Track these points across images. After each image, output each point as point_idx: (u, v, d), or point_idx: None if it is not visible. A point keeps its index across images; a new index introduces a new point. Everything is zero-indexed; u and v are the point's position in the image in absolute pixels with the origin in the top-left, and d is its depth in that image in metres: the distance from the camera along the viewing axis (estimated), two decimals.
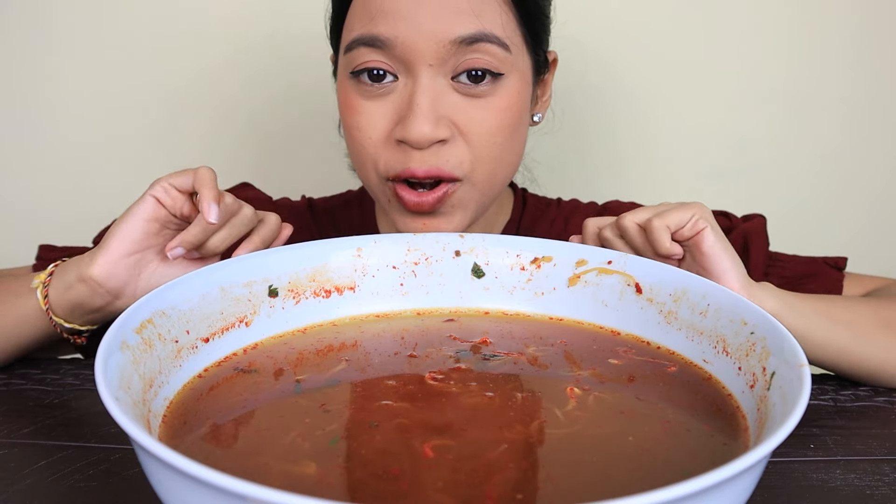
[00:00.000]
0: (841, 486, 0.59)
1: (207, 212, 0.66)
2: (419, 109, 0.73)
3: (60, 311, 0.72)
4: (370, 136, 0.77)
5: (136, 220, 0.69)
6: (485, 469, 0.48)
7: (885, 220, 1.25)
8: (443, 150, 0.75)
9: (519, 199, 0.96)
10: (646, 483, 0.47)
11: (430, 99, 0.74)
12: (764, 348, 0.55)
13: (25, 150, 1.24)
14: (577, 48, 1.17)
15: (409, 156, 0.75)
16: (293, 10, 1.17)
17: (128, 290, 0.70)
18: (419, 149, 0.74)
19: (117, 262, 0.69)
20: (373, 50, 0.75)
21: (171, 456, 0.38)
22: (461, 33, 0.73)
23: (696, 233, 0.68)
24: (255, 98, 1.23)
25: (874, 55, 1.19)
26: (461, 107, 0.75)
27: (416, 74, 0.74)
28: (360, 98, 0.77)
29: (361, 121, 0.77)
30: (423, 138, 0.73)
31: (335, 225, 0.96)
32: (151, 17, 1.20)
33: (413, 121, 0.73)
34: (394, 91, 0.76)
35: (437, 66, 0.74)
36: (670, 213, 0.69)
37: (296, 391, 0.57)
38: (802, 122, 1.22)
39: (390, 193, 0.78)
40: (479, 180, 0.78)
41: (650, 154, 1.25)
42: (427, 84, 0.74)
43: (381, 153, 0.77)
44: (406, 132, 0.74)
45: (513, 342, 0.65)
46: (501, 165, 0.79)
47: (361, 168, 0.80)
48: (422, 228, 0.77)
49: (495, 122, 0.77)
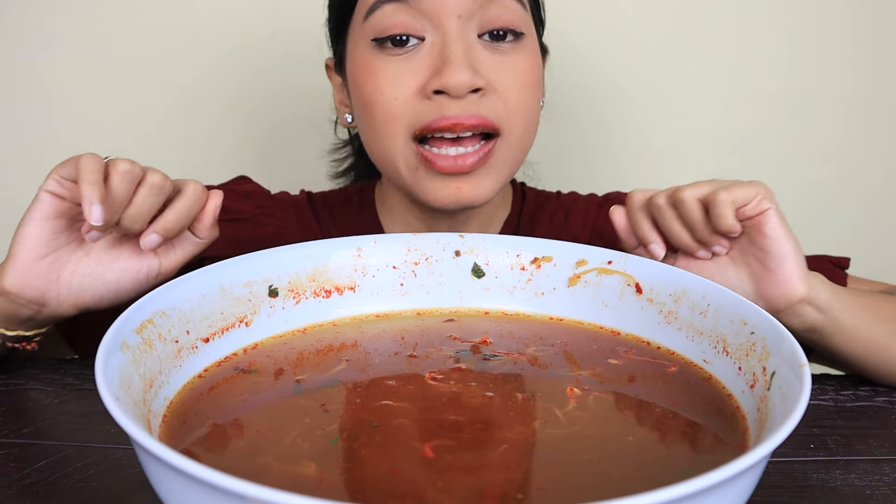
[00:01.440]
0: (841, 486, 0.59)
1: (88, 213, 0.58)
2: (455, 57, 0.73)
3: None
4: (396, 95, 0.75)
5: (35, 221, 0.63)
6: (485, 469, 0.48)
7: (884, 219, 1.25)
8: (481, 100, 0.75)
9: (518, 194, 0.96)
10: (646, 483, 0.47)
11: (463, 48, 0.74)
12: (764, 348, 0.55)
13: (25, 152, 1.24)
14: (578, 47, 1.17)
15: (445, 106, 0.74)
16: (292, 9, 1.17)
17: (50, 296, 0.65)
18: (458, 97, 0.74)
19: (28, 270, 0.64)
20: (399, 7, 0.74)
21: (171, 456, 0.38)
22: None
23: (760, 212, 0.66)
24: (255, 97, 1.23)
25: (874, 55, 1.19)
26: (491, 62, 0.76)
27: (446, 27, 0.74)
28: (382, 62, 0.76)
29: (385, 83, 0.76)
30: (463, 83, 0.73)
31: (335, 219, 0.95)
32: (151, 17, 1.20)
33: (451, 67, 0.73)
34: (420, 51, 0.76)
35: (465, 19, 0.75)
36: (735, 188, 0.66)
37: (296, 391, 0.57)
38: (802, 122, 1.22)
39: (416, 160, 0.76)
40: (514, 138, 0.78)
41: (650, 154, 1.25)
42: (458, 34, 0.75)
43: (411, 111, 0.75)
44: (444, 80, 0.73)
45: (513, 342, 0.65)
46: (530, 127, 0.80)
47: (383, 136, 0.77)
48: (456, 193, 0.76)
49: (523, 79, 0.77)
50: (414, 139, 0.76)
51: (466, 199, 0.77)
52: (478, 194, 0.77)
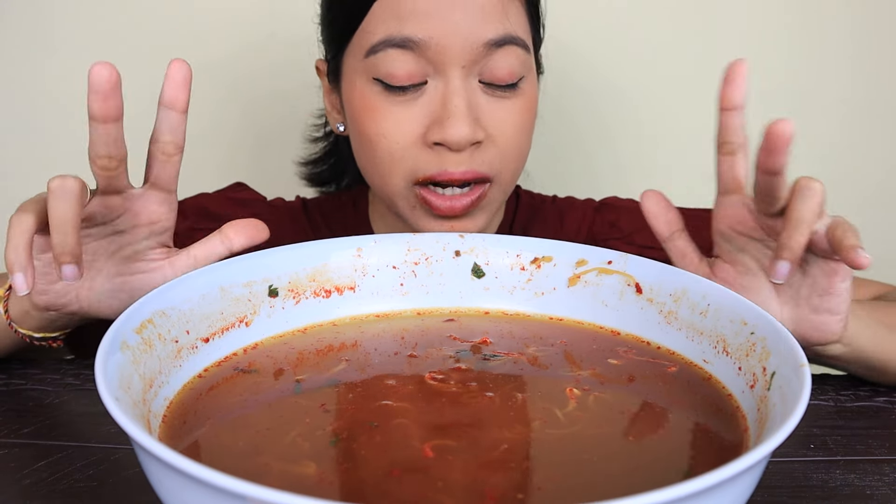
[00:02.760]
0: (841, 486, 0.59)
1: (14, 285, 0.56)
2: (458, 111, 0.73)
3: (26, 326, 0.69)
4: (398, 140, 0.76)
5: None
6: (485, 469, 0.48)
7: (884, 219, 1.24)
8: (477, 152, 0.75)
9: (513, 199, 0.96)
10: (646, 483, 0.47)
11: (465, 101, 0.74)
12: (764, 348, 0.55)
13: (22, 151, 1.24)
14: (576, 49, 1.17)
15: (445, 158, 0.75)
16: (288, 12, 1.17)
17: (74, 308, 0.66)
18: (458, 151, 0.74)
19: (47, 291, 0.64)
20: (403, 52, 0.74)
21: (171, 456, 0.38)
22: (492, 36, 0.74)
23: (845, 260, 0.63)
24: (250, 100, 1.23)
25: (873, 56, 1.19)
26: (489, 109, 0.76)
27: (449, 76, 0.74)
28: (384, 103, 0.76)
29: (388, 126, 0.76)
30: (464, 139, 0.73)
31: (329, 225, 0.95)
32: (148, 17, 1.19)
33: (453, 123, 0.73)
34: (423, 94, 0.75)
35: (469, 68, 0.74)
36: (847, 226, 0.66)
37: (296, 391, 0.57)
38: (801, 123, 1.21)
39: (416, 200, 0.77)
40: (504, 180, 0.79)
41: (648, 155, 1.25)
42: (461, 85, 0.74)
43: (411, 157, 0.76)
44: (445, 134, 0.73)
45: (513, 342, 0.65)
46: (521, 164, 0.81)
47: (386, 175, 0.78)
48: (449, 230, 0.77)
49: (520, 122, 0.78)
50: (414, 184, 0.77)
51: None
52: (470, 229, 0.78)
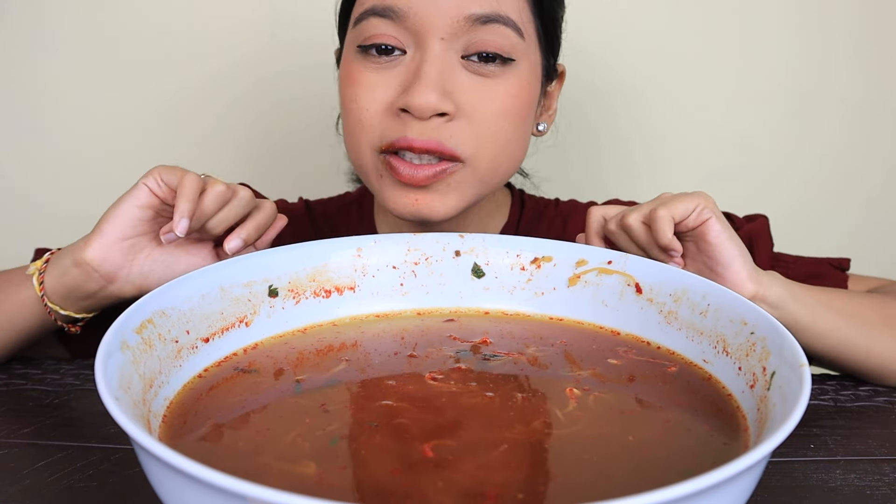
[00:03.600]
0: (841, 486, 0.59)
1: (176, 224, 0.66)
2: (426, 77, 0.73)
3: (56, 297, 0.72)
4: (367, 107, 0.76)
5: (129, 206, 0.69)
6: (485, 469, 0.48)
7: (884, 219, 1.25)
8: (445, 125, 0.74)
9: (517, 201, 0.95)
10: (646, 483, 0.47)
11: (437, 70, 0.74)
12: (764, 348, 0.55)
13: (29, 153, 1.24)
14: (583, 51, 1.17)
15: (408, 126, 0.74)
16: (295, 15, 1.17)
17: (121, 273, 0.71)
18: (420, 118, 0.73)
19: (111, 246, 0.70)
20: (384, 21, 0.74)
21: (171, 456, 0.38)
22: (476, 11, 0.73)
23: (702, 223, 0.68)
24: (257, 103, 1.23)
25: (874, 55, 1.19)
26: (468, 86, 0.75)
27: (426, 46, 0.74)
28: (363, 70, 0.76)
29: (360, 92, 0.76)
30: (426, 106, 0.72)
31: (332, 227, 0.95)
32: (155, 21, 1.20)
33: (417, 88, 0.72)
34: (400, 64, 0.75)
35: (449, 41, 0.74)
36: (674, 202, 0.68)
37: (296, 391, 0.57)
38: (801, 123, 1.22)
39: (382, 167, 0.76)
40: (481, 165, 0.76)
41: (650, 156, 1.25)
42: (437, 55, 0.74)
43: (378, 125, 0.76)
44: (409, 98, 0.73)
45: (513, 342, 0.65)
46: (505, 155, 0.78)
47: (355, 144, 0.78)
48: (413, 205, 0.75)
49: (501, 106, 0.76)
50: (380, 153, 0.77)
51: (424, 213, 0.76)
52: (435, 209, 0.76)
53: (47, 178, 1.25)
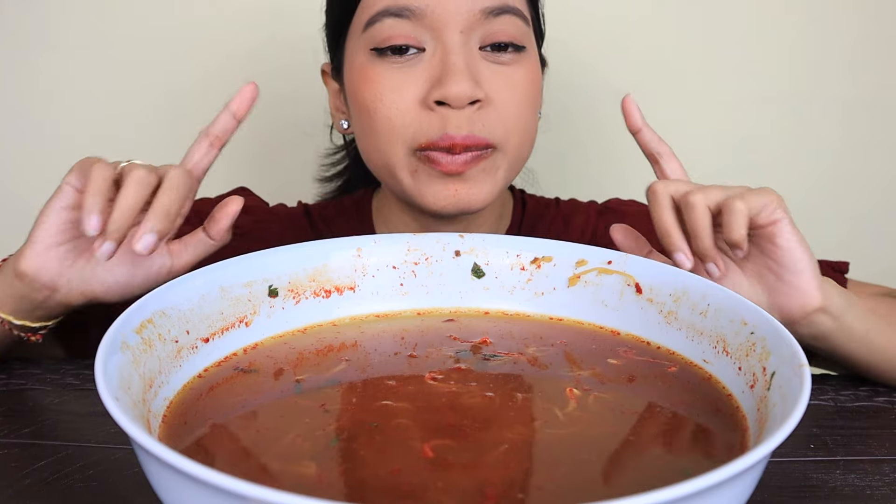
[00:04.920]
0: (841, 486, 0.59)
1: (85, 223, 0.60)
2: (455, 67, 0.74)
3: (7, 308, 0.69)
4: (398, 105, 0.76)
5: (55, 209, 0.66)
6: (485, 469, 0.48)
7: (885, 220, 1.25)
8: (478, 113, 0.76)
9: (518, 202, 0.95)
10: (646, 483, 0.47)
11: (464, 59, 0.75)
12: (764, 348, 0.55)
13: (24, 153, 1.24)
14: (577, 52, 1.17)
15: (446, 119, 0.75)
16: (293, 14, 1.17)
17: (62, 281, 0.67)
18: (458, 107, 0.74)
19: (45, 254, 0.66)
20: (400, 20, 0.75)
21: (171, 456, 0.38)
22: (490, 4, 0.76)
23: (772, 223, 0.64)
24: (258, 102, 1.22)
25: (875, 56, 1.19)
26: (490, 75, 0.77)
27: (446, 40, 0.75)
28: (383, 72, 0.76)
29: (385, 92, 0.76)
30: (464, 94, 0.74)
31: (332, 230, 0.95)
32: (155, 21, 1.19)
33: (451, 77, 0.74)
34: (421, 61, 0.76)
35: (467, 34, 0.76)
36: (749, 196, 0.63)
37: (296, 391, 0.57)
38: (802, 123, 1.22)
39: (417, 163, 0.77)
40: (509, 150, 0.78)
41: None
42: (460, 46, 0.75)
43: (412, 122, 0.76)
44: (445, 90, 0.74)
45: (513, 342, 0.65)
46: (527, 140, 0.81)
47: (383, 145, 0.77)
48: (454, 195, 0.76)
49: (522, 92, 0.78)
50: (415, 152, 0.77)
51: (464, 202, 0.77)
52: (475, 196, 0.77)
53: (46, 177, 1.24)
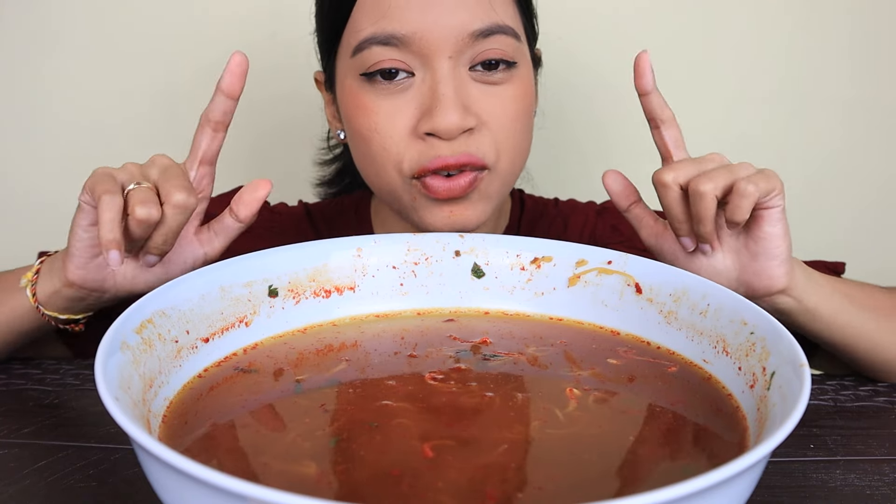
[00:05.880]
0: (841, 486, 0.59)
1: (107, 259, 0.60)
2: (445, 99, 0.73)
3: (53, 307, 0.72)
4: (391, 135, 0.76)
5: (79, 228, 0.67)
6: (485, 469, 0.48)
7: (884, 220, 1.24)
8: (470, 139, 0.75)
9: (517, 203, 0.96)
10: (646, 483, 0.47)
11: (453, 88, 0.74)
12: (764, 348, 0.55)
13: (23, 150, 1.24)
14: (574, 50, 1.17)
15: (437, 147, 0.74)
16: (292, 12, 1.17)
17: (108, 285, 0.70)
18: (448, 139, 0.74)
19: (86, 267, 0.69)
20: (388, 48, 0.74)
21: (171, 456, 0.38)
22: (478, 27, 0.74)
23: (768, 208, 0.65)
24: (258, 102, 1.22)
25: (875, 56, 1.19)
26: (480, 96, 0.76)
27: (435, 67, 0.74)
28: (374, 99, 0.76)
29: (379, 121, 0.76)
30: (454, 127, 0.73)
31: (332, 230, 0.95)
32: (155, 20, 1.19)
33: (441, 111, 0.73)
34: (411, 87, 0.75)
35: (456, 58, 0.75)
36: (759, 179, 0.63)
37: (296, 391, 0.57)
38: (801, 123, 1.22)
39: (416, 190, 0.77)
40: (502, 169, 0.78)
41: (649, 156, 1.24)
42: (449, 74, 0.74)
43: (405, 151, 0.76)
44: (435, 123, 0.73)
45: (513, 342, 0.65)
46: (520, 154, 0.80)
47: (381, 171, 0.78)
48: (449, 216, 0.76)
49: (514, 110, 0.77)
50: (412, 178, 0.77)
51: (459, 223, 0.77)
52: (469, 217, 0.77)
53: (47, 176, 1.25)
